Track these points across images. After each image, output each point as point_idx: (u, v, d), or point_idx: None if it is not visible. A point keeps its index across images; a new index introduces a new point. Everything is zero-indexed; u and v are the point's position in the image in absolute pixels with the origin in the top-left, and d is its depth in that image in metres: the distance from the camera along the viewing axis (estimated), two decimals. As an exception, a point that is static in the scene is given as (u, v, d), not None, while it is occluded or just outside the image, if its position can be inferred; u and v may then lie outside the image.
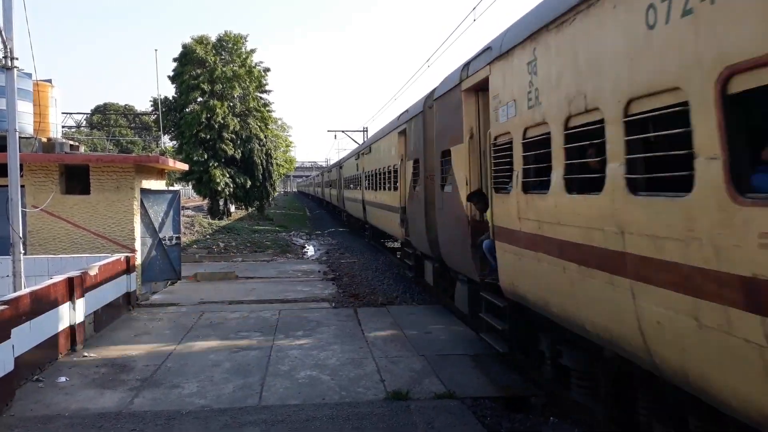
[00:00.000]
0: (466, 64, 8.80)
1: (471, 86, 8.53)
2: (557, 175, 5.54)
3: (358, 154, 26.36)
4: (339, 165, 38.05)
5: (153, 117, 46.44)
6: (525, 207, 6.42)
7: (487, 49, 7.87)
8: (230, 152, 36.03)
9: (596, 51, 4.84)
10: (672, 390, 4.30)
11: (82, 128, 66.87)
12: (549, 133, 5.74)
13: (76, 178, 14.18)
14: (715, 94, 3.35)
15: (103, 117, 74.51)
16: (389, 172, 16.81)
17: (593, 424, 6.28)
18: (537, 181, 6.22)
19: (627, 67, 4.32)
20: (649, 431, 4.99)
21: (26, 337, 7.67)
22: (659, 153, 4.06)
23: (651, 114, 4.05)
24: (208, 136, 35.41)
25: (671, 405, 4.68)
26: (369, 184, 21.49)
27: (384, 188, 17.82)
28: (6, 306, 7.06)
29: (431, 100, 11.26)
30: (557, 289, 5.70)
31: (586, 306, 5.14)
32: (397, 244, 20.91)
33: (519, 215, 6.57)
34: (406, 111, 14.32)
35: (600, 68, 4.76)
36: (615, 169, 4.46)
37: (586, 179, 5.09)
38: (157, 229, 14.91)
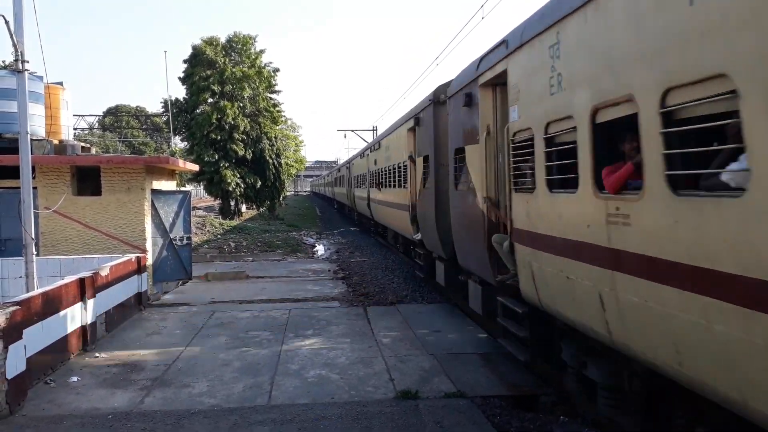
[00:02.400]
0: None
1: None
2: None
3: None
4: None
5: (164, 118, 46.72)
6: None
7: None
8: (241, 152, 36.13)
9: None
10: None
11: (95, 130, 67.41)
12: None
13: (87, 180, 14.32)
14: None
15: (115, 119, 75.09)
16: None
17: (602, 423, 6.24)
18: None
19: None
20: None
21: (38, 337, 7.74)
22: None
23: None
24: (219, 137, 35.52)
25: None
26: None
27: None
28: (18, 307, 7.12)
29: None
30: None
31: None
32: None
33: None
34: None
35: None
36: None
37: None
38: (168, 230, 15.00)
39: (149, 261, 13.91)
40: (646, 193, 4.21)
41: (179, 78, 37.91)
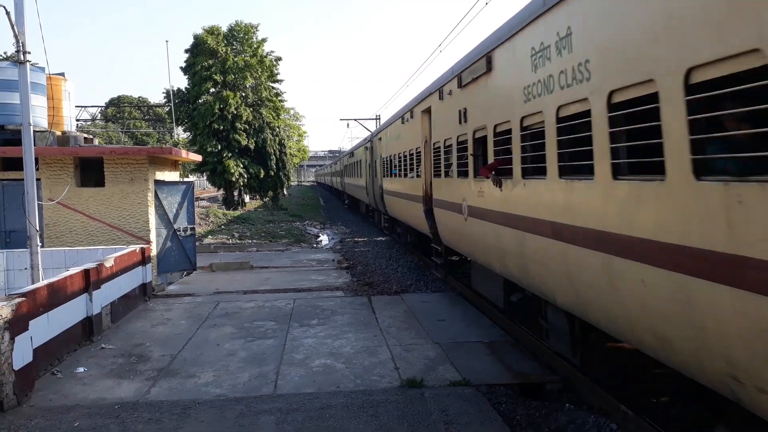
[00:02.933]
0: None
1: None
2: None
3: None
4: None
5: (166, 109, 46.64)
6: None
7: None
8: (243, 142, 36.05)
9: None
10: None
11: (97, 121, 67.39)
12: None
13: (90, 171, 14.32)
14: None
15: (118, 110, 74.95)
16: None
17: (609, 410, 6.24)
18: None
19: None
20: None
21: (44, 328, 7.76)
22: None
23: None
24: (222, 127, 35.43)
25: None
26: None
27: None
28: (24, 298, 7.14)
29: None
30: None
31: None
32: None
33: None
34: None
35: None
36: None
37: None
38: (172, 220, 15.00)
39: (153, 252, 13.93)
40: None
41: (181, 68, 37.79)
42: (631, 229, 4.74)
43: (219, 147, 35.27)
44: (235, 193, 39.01)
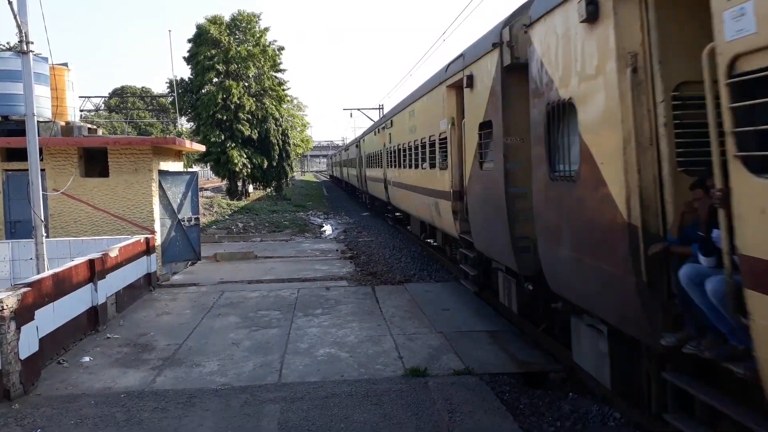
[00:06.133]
0: None
1: None
2: None
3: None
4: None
5: (170, 99, 46.56)
6: None
7: None
8: (247, 133, 35.99)
9: None
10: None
11: (101, 111, 67.37)
12: None
13: (95, 161, 14.33)
14: None
15: (121, 100, 74.87)
16: None
17: (612, 400, 6.26)
18: None
19: None
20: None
21: (50, 318, 7.81)
22: None
23: None
24: (225, 117, 35.36)
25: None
26: None
27: None
28: (29, 288, 7.18)
29: None
30: None
31: None
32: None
33: None
34: None
35: None
36: None
37: None
38: (176, 210, 15.02)
39: (158, 242, 13.96)
40: None
41: (184, 58, 37.68)
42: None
43: (222, 137, 35.22)
44: (239, 184, 39.04)
